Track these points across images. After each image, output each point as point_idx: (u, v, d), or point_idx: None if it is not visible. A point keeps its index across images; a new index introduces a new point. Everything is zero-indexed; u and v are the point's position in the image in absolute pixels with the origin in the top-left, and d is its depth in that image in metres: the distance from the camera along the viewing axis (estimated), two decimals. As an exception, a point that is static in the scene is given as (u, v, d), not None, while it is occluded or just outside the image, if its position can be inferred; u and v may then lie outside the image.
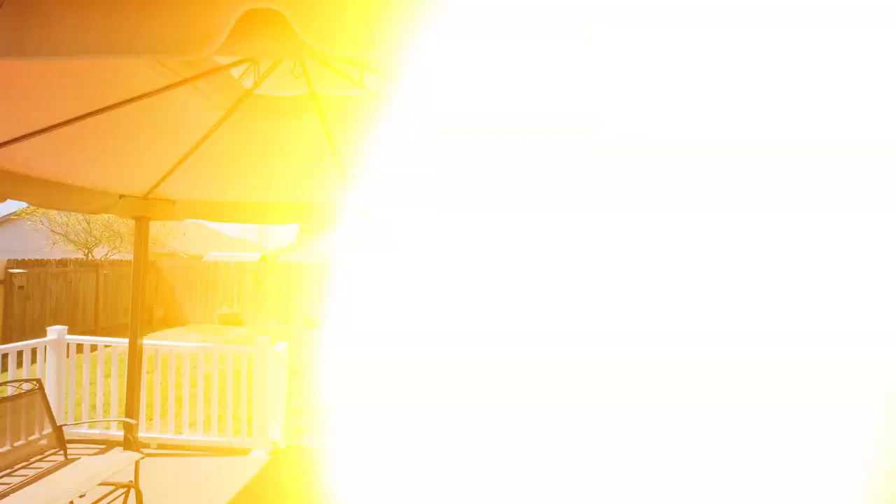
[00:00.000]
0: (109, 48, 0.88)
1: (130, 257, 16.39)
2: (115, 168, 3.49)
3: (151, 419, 4.77)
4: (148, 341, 4.54)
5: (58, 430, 3.30)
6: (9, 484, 2.80)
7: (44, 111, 2.44)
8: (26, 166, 3.05)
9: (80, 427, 4.64)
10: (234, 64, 2.55)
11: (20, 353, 4.30)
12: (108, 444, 4.51)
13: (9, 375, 4.53)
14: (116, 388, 4.58)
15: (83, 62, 2.07)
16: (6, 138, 2.64)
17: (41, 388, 3.31)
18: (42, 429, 3.28)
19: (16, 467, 3.04)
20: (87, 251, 16.16)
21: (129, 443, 4.25)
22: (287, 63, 2.65)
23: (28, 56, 0.87)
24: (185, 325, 14.71)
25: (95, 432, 4.63)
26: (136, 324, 4.33)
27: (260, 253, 22.02)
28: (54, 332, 4.56)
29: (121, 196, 4.02)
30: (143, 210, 4.22)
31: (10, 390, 3.43)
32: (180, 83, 2.52)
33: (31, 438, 3.19)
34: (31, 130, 2.62)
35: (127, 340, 4.44)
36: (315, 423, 5.70)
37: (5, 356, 4.15)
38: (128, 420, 3.52)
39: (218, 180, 3.96)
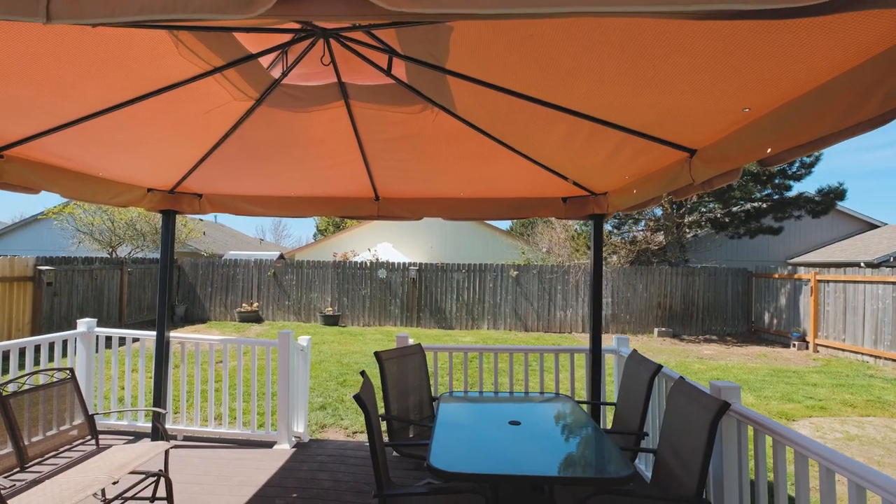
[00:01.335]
0: (164, 8, 0.86)
1: (152, 256, 16.72)
2: (144, 161, 3.52)
3: (178, 412, 4.83)
4: (174, 334, 4.58)
5: (90, 418, 3.34)
6: (40, 472, 2.83)
7: (76, 101, 2.46)
8: (60, 157, 3.10)
9: (109, 418, 4.72)
10: (265, 52, 2.54)
11: (52, 345, 4.38)
12: (135, 436, 4.57)
13: (41, 367, 4.62)
14: (143, 381, 4.63)
15: (116, 47, 2.07)
16: (41, 129, 2.68)
17: (73, 376, 3.35)
18: (73, 418, 3.32)
19: (47, 455, 3.08)
20: (111, 250, 16.49)
21: (158, 433, 4.30)
22: (317, 51, 2.63)
23: (85, 18, 0.85)
24: (206, 322, 14.90)
25: (123, 423, 4.69)
26: (163, 316, 4.38)
27: (278, 252, 22.26)
28: (84, 324, 4.63)
29: (149, 189, 4.08)
30: (170, 203, 4.27)
31: (42, 379, 3.49)
32: (210, 72, 2.53)
33: (62, 428, 3.23)
34: (64, 121, 2.65)
35: (154, 333, 4.50)
36: (336, 419, 5.70)
37: (38, 347, 4.23)
38: (157, 409, 3.54)
39: (243, 173, 3.96)
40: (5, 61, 1.96)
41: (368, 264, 15.30)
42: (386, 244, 20.31)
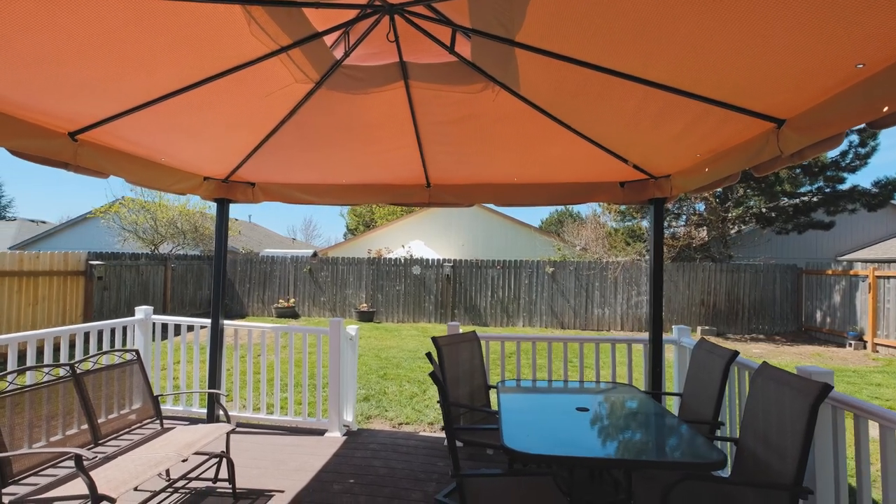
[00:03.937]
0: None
1: (192, 253, 17.14)
2: (204, 147, 3.56)
3: (230, 399, 4.90)
4: (227, 322, 4.65)
5: (154, 399, 3.40)
6: (104, 453, 2.87)
7: (150, 80, 2.49)
8: (127, 142, 3.16)
9: (165, 403, 4.82)
10: (329, 31, 2.52)
11: (113, 331, 4.50)
12: (191, 421, 4.66)
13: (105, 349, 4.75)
14: (197, 369, 4.72)
15: (192, 25, 2.07)
16: (115, 111, 2.73)
17: (139, 357, 3.42)
18: (139, 398, 3.38)
19: (117, 434, 3.13)
20: (153, 247, 17.06)
21: (214, 416, 4.37)
22: (379, 29, 2.59)
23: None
24: (244, 317, 15.23)
25: (179, 409, 4.79)
26: (217, 303, 4.44)
27: (311, 250, 22.60)
28: (142, 311, 4.75)
29: (205, 178, 4.14)
30: (225, 192, 4.33)
31: (106, 361, 3.57)
32: (276, 52, 2.52)
33: (129, 409, 3.30)
34: (137, 103, 2.69)
35: (207, 321, 4.58)
36: (380, 410, 5.69)
37: (101, 332, 4.35)
38: (216, 392, 3.58)
39: (297, 161, 3.98)
40: (89, 39, 1.99)
41: (402, 261, 15.34)
42: (418, 242, 20.35)
